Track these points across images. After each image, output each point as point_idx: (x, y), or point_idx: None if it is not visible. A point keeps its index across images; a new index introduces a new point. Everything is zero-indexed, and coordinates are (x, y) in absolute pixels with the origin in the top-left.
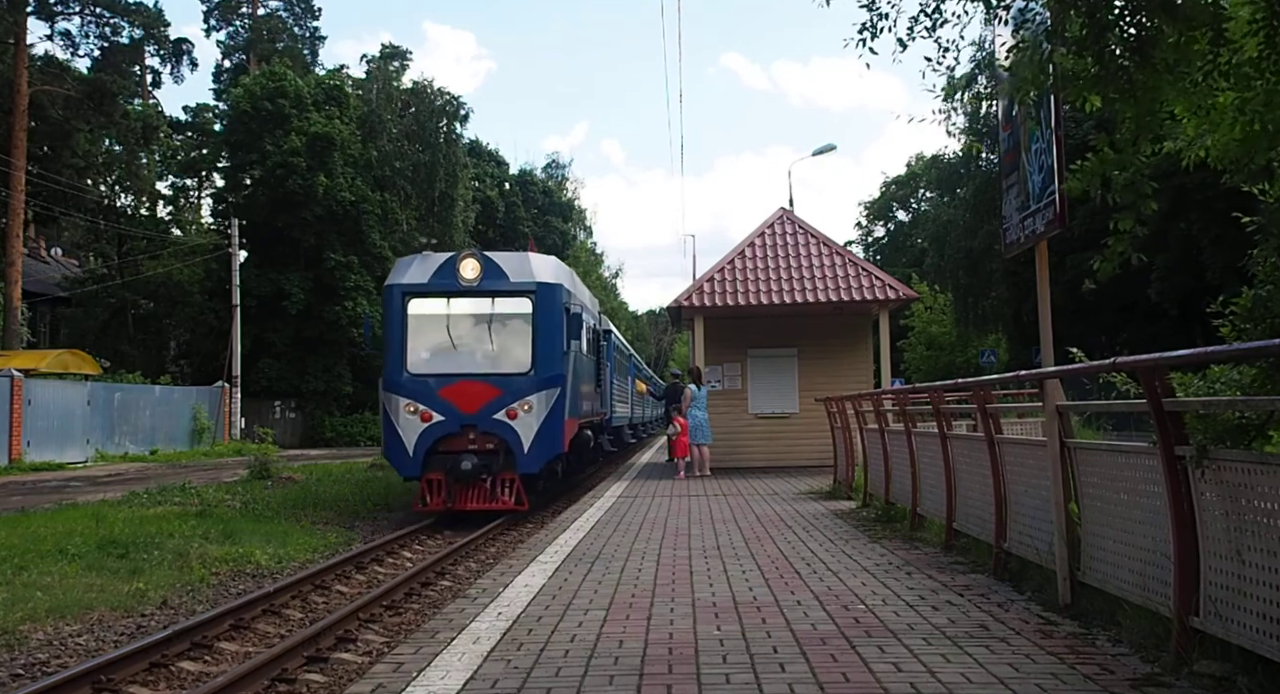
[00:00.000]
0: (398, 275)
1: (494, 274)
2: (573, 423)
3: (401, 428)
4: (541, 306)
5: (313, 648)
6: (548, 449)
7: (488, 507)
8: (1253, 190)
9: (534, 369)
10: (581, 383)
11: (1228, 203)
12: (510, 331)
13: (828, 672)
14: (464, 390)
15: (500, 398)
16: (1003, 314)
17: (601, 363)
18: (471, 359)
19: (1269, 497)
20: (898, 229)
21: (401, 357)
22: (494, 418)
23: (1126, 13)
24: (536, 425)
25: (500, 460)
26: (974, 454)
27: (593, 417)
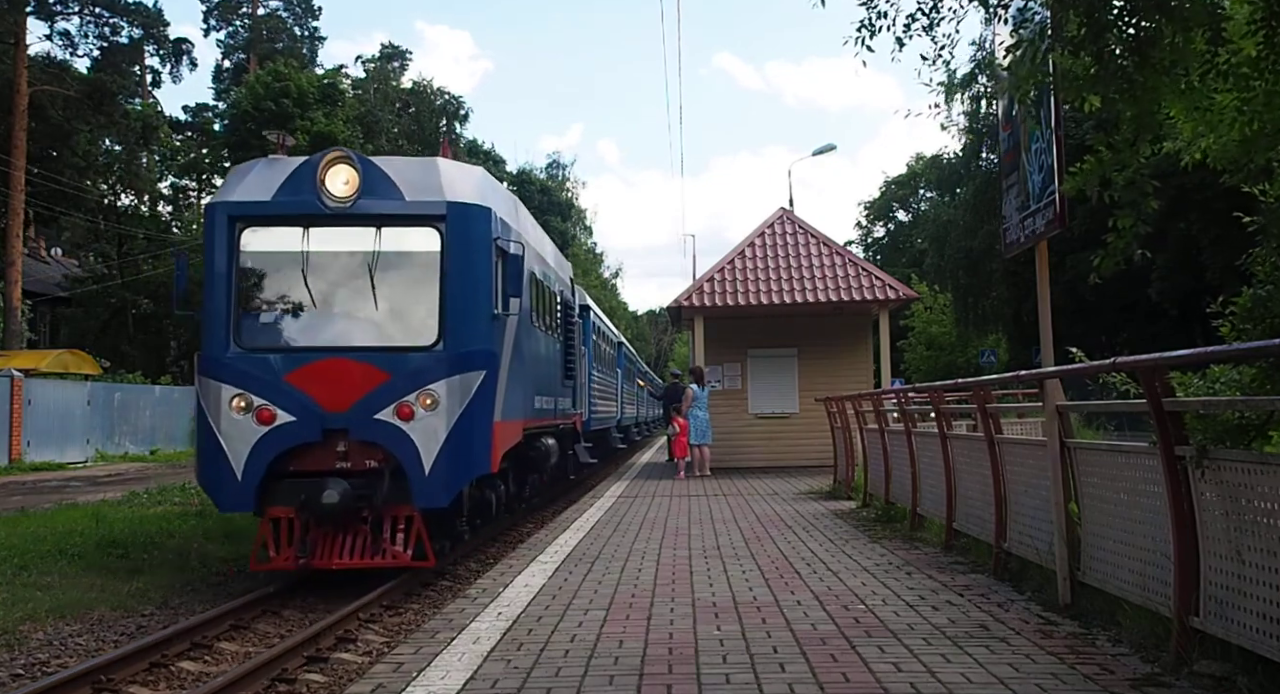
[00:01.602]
0: (226, 190)
1: (380, 189)
2: (511, 427)
3: (224, 434)
4: (457, 242)
5: (313, 648)
6: (463, 468)
7: (367, 563)
8: (1253, 190)
9: (442, 341)
10: (532, 367)
11: (1228, 203)
12: (405, 282)
13: (828, 672)
14: (328, 375)
15: (386, 387)
16: (1003, 314)
17: (574, 346)
18: (341, 325)
19: (1269, 497)
20: (898, 229)
21: (225, 321)
22: (376, 419)
23: (1125, 13)
24: (445, 430)
25: (386, 487)
26: (974, 454)
27: (557, 419)
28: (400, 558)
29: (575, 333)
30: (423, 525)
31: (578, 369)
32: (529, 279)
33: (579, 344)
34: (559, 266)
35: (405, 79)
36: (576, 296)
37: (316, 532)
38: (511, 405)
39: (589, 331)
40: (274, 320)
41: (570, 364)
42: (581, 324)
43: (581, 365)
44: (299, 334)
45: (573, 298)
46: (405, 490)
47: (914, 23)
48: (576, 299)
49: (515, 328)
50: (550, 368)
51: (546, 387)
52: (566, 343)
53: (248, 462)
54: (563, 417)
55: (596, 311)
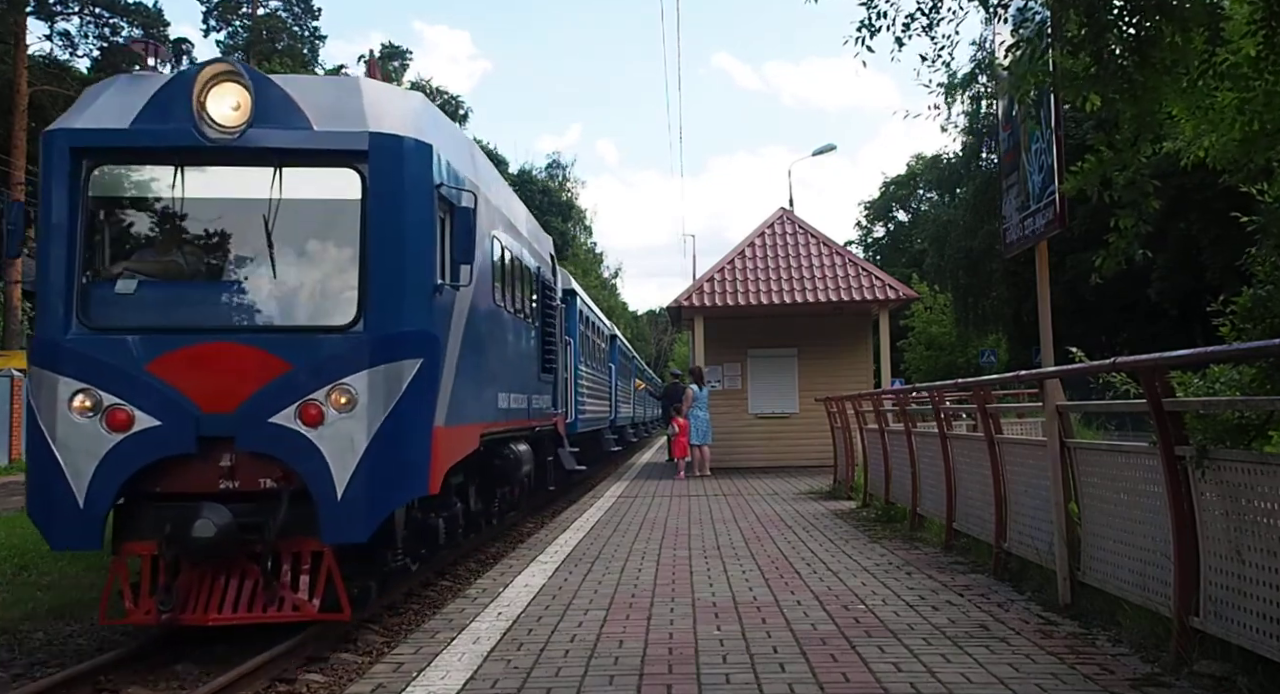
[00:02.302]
0: (71, 115)
1: (280, 116)
2: (460, 433)
3: (61, 444)
4: (385, 188)
5: (312, 648)
6: (390, 489)
7: (256, 618)
8: (1251, 190)
9: (363, 319)
10: (495, 357)
11: (1227, 203)
12: (313, 240)
13: (828, 672)
14: (207, 364)
15: (286, 380)
16: (1003, 314)
17: (554, 335)
18: (225, 298)
19: (1269, 497)
20: (898, 229)
21: (65, 291)
22: (272, 423)
23: (1125, 12)
24: (365, 438)
25: (283, 514)
26: (974, 454)
27: (532, 420)
28: (304, 609)
29: (556, 320)
30: (335, 566)
31: (560, 362)
32: (492, 247)
33: (561, 333)
34: (535, 240)
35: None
36: (559, 278)
37: (189, 574)
38: (462, 405)
39: (574, 320)
40: (133, 290)
41: (550, 356)
42: (565, 311)
43: (565, 358)
44: (167, 309)
45: (554, 279)
46: (310, 519)
47: (913, 23)
48: (559, 281)
49: (469, 306)
50: (522, 359)
51: (516, 382)
52: (545, 331)
53: (93, 482)
54: (540, 417)
55: (584, 298)
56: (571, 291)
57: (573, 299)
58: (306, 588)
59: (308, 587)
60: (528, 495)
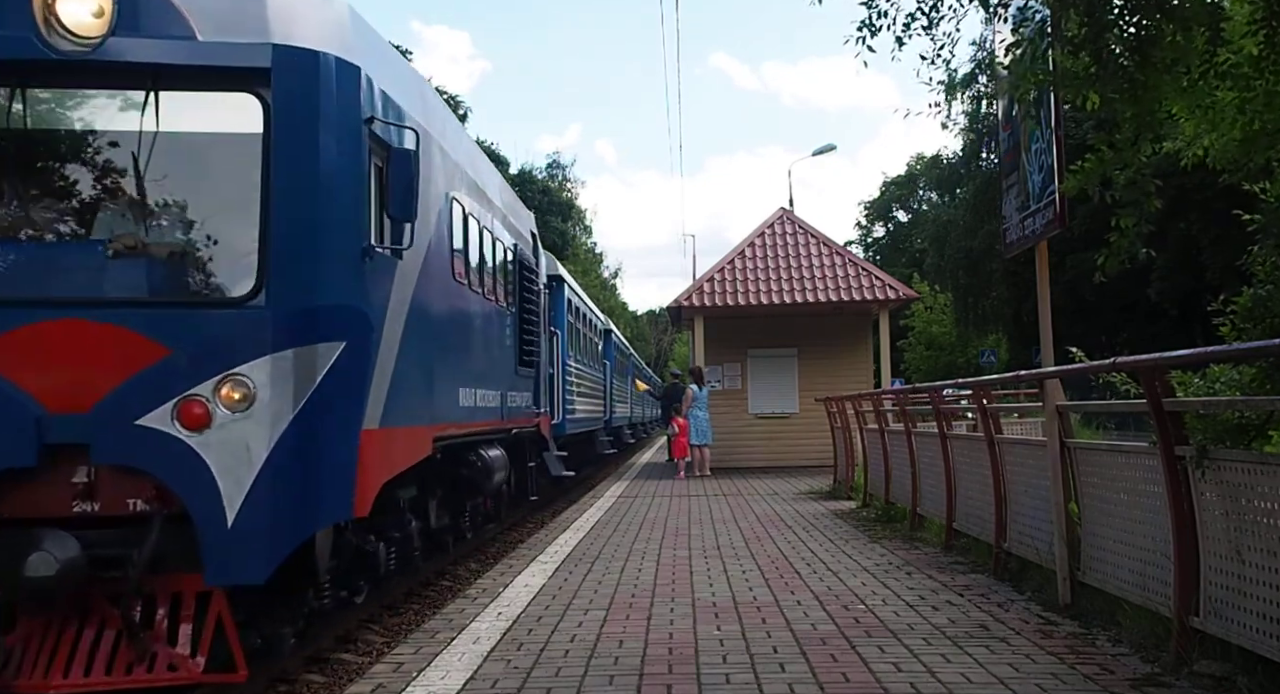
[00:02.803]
0: None
1: (152, 21)
2: (402, 437)
3: None
4: (295, 118)
5: (312, 648)
6: (300, 512)
7: (116, 684)
8: (1253, 188)
9: (265, 290)
10: (455, 344)
11: (1228, 202)
12: (199, 185)
13: (828, 672)
14: (52, 349)
15: (161, 370)
16: (1003, 314)
17: (536, 323)
18: (78, 261)
19: (1269, 497)
20: (898, 229)
21: None
22: (141, 426)
23: (1126, 12)
24: (266, 446)
25: (153, 545)
26: (974, 454)
27: (507, 421)
28: (184, 669)
29: (539, 308)
30: (228, 611)
31: (543, 356)
32: (450, 211)
33: (545, 324)
34: (512, 213)
35: None
36: (542, 261)
37: (26, 625)
38: (405, 402)
39: (562, 310)
40: None
41: (530, 348)
42: (551, 300)
43: (551, 352)
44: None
45: (536, 261)
46: (191, 552)
47: (914, 22)
48: (542, 265)
49: (416, 279)
50: (494, 350)
51: (485, 376)
52: (524, 318)
53: None
54: (518, 418)
55: (573, 286)
56: (558, 278)
57: (560, 287)
58: (189, 641)
59: (190, 638)
60: (507, 506)
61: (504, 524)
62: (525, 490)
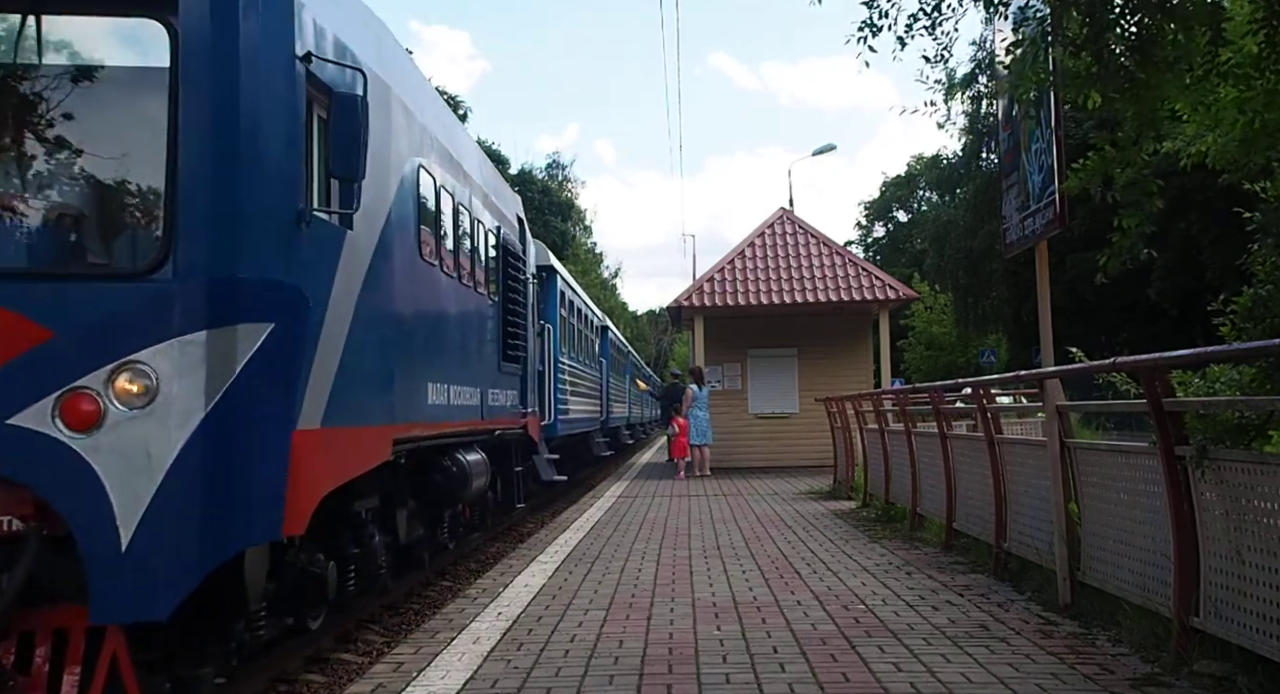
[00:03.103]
0: None
1: None
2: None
3: None
4: (207, 51)
5: (312, 648)
6: (213, 535)
7: None
8: (1254, 188)
9: (172, 260)
10: (422, 332)
11: (1228, 202)
12: (89, 132)
13: (828, 672)
14: None
15: (38, 358)
16: (1003, 314)
17: (523, 315)
18: None
19: (1269, 497)
20: (897, 229)
21: None
22: (10, 425)
23: (1126, 11)
24: (171, 452)
25: (25, 572)
26: (974, 454)
27: (488, 421)
28: None
29: (526, 299)
30: (125, 652)
31: (531, 351)
32: (418, 180)
33: (534, 317)
34: (495, 192)
35: None
36: (531, 249)
37: None
38: (354, 397)
39: (554, 303)
40: None
41: (516, 341)
42: (543, 292)
43: (542, 348)
44: None
45: (523, 248)
46: (75, 580)
47: (916, 23)
48: (530, 252)
49: (371, 253)
50: (471, 342)
51: (461, 370)
52: (508, 309)
53: None
54: (502, 418)
55: (567, 278)
56: (550, 268)
57: (551, 278)
58: (74, 689)
59: (76, 687)
60: (491, 515)
61: (490, 533)
62: (512, 497)
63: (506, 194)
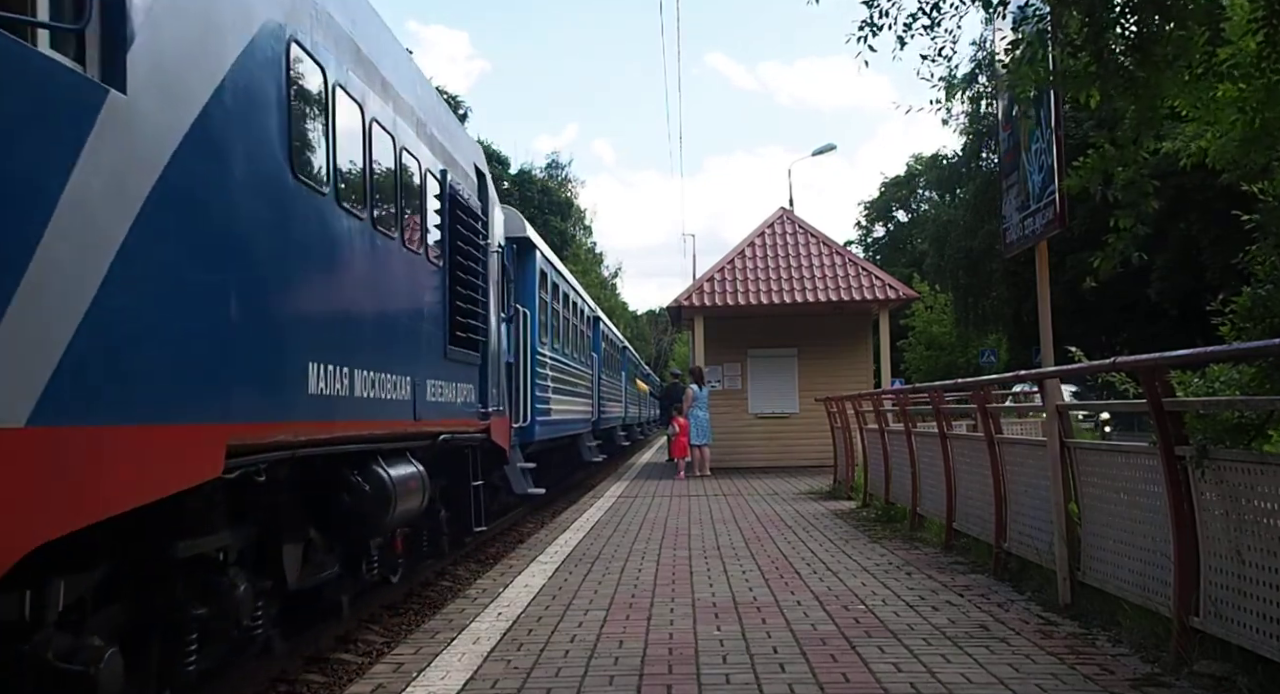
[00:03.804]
0: None
1: None
2: (142, 443)
3: None
4: None
5: (312, 648)
6: None
7: None
8: (1251, 189)
9: None
10: (294, 284)
11: (1228, 203)
12: None
13: (828, 672)
14: None
15: None
16: (1003, 314)
17: (482, 290)
18: None
19: (1269, 497)
20: (897, 229)
21: None
22: None
23: (1126, 11)
24: None
25: None
26: (974, 454)
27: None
28: None
29: (486, 268)
30: None
31: (498, 337)
32: (286, 58)
33: (503, 296)
34: (445, 131)
35: None
36: (497, 213)
37: None
38: (124, 373)
39: (532, 283)
40: None
41: (470, 321)
42: (520, 269)
43: (517, 336)
44: None
45: (484, 207)
46: None
47: (915, 22)
48: (496, 218)
49: (174, 140)
50: (399, 315)
51: (375, 351)
52: (459, 278)
53: None
54: (451, 417)
55: (548, 256)
56: (527, 242)
57: (530, 254)
58: None
59: None
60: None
61: (447, 560)
62: (470, 517)
63: (460, 137)
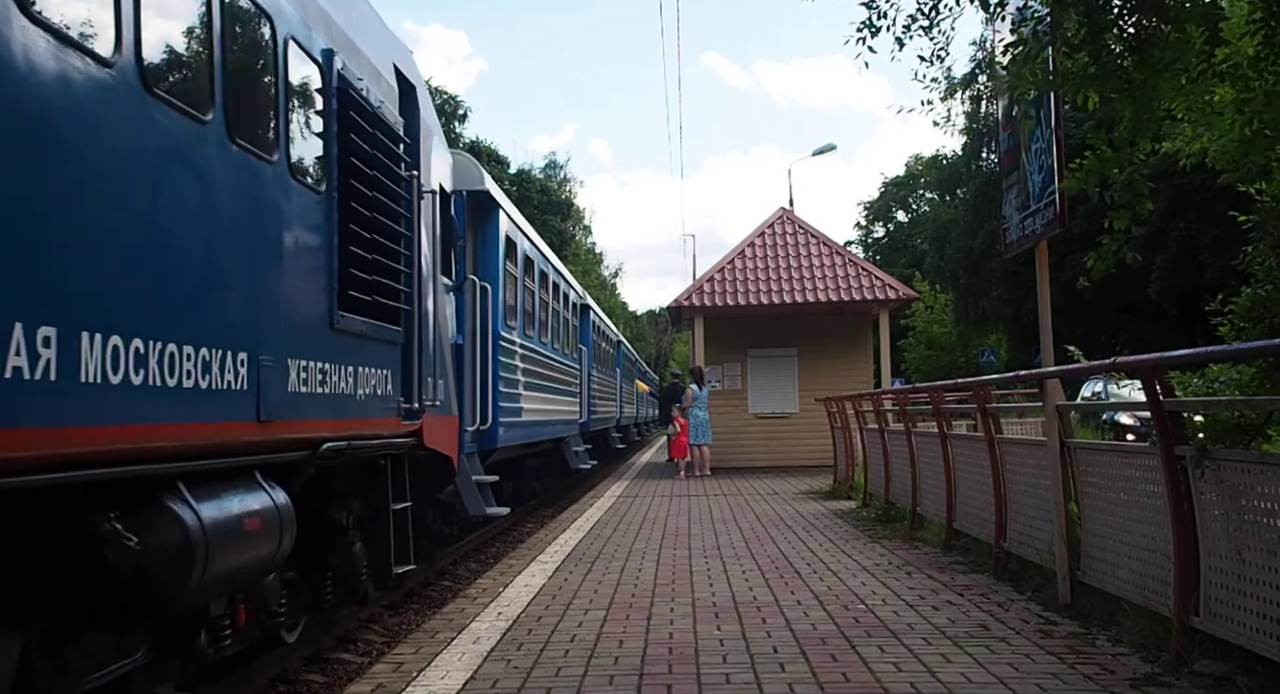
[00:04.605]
0: None
1: None
2: None
3: None
4: None
5: (312, 648)
6: None
7: None
8: (1248, 189)
9: None
10: None
11: (1227, 203)
12: None
13: (828, 672)
14: None
15: None
16: (1003, 314)
17: (390, 233)
18: None
19: (1269, 497)
20: (897, 229)
21: None
22: None
23: (1125, 12)
24: None
25: None
26: (974, 454)
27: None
28: None
29: (411, 212)
30: None
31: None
32: None
33: (437, 249)
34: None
35: None
36: (432, 144)
37: None
38: None
39: (494, 249)
40: None
41: (382, 278)
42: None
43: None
44: None
45: (411, 131)
46: None
47: (914, 23)
48: (433, 152)
49: None
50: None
51: (173, 312)
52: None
53: None
54: (340, 417)
55: (519, 224)
56: (486, 198)
57: (492, 216)
58: None
59: None
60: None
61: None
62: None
63: (373, 23)
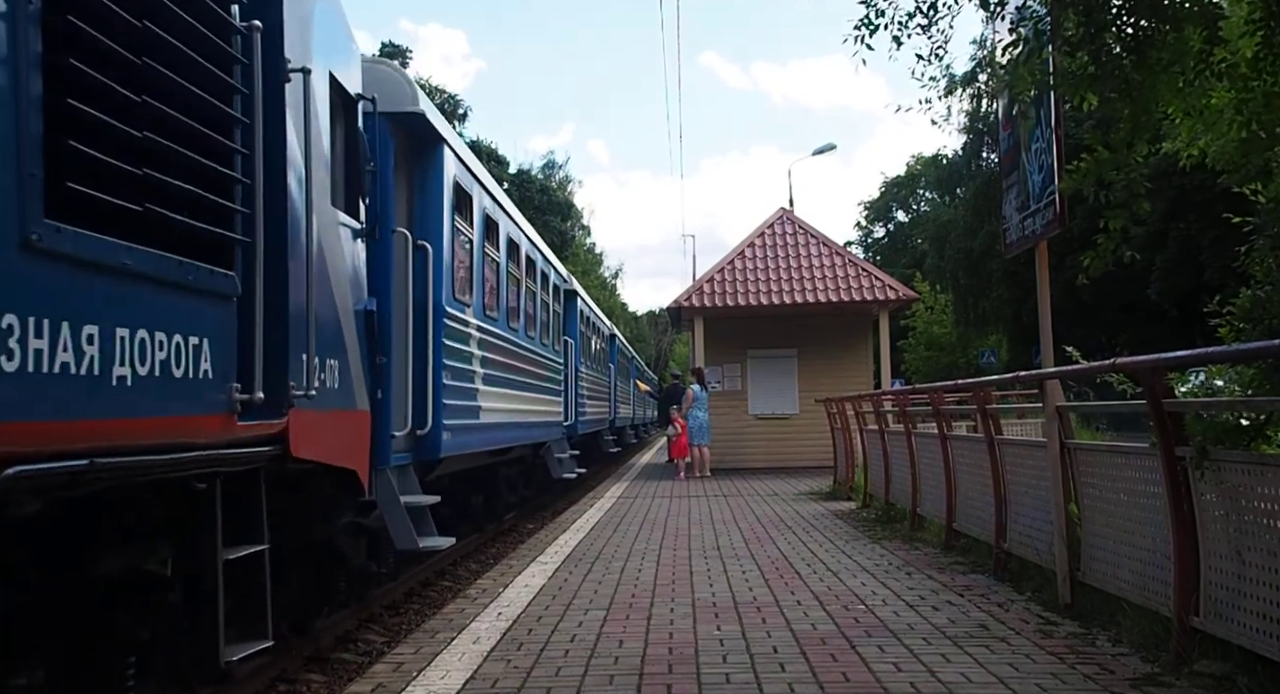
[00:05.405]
0: None
1: None
2: None
3: None
4: None
5: (312, 648)
6: None
7: None
8: (1244, 190)
9: None
10: None
11: (1227, 203)
12: None
13: (828, 672)
14: None
15: None
16: (1003, 314)
17: (163, 88)
18: None
19: (1269, 497)
20: (898, 229)
21: None
22: None
23: (1124, 12)
24: None
25: None
26: (974, 455)
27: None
28: None
29: (252, 82)
30: None
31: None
32: None
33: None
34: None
35: None
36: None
37: None
38: None
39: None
40: None
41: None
42: (407, 172)
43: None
44: None
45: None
46: None
47: (911, 21)
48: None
49: None
50: None
51: None
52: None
53: None
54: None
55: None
56: (423, 124)
57: (434, 153)
58: None
59: None
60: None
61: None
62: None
63: None
